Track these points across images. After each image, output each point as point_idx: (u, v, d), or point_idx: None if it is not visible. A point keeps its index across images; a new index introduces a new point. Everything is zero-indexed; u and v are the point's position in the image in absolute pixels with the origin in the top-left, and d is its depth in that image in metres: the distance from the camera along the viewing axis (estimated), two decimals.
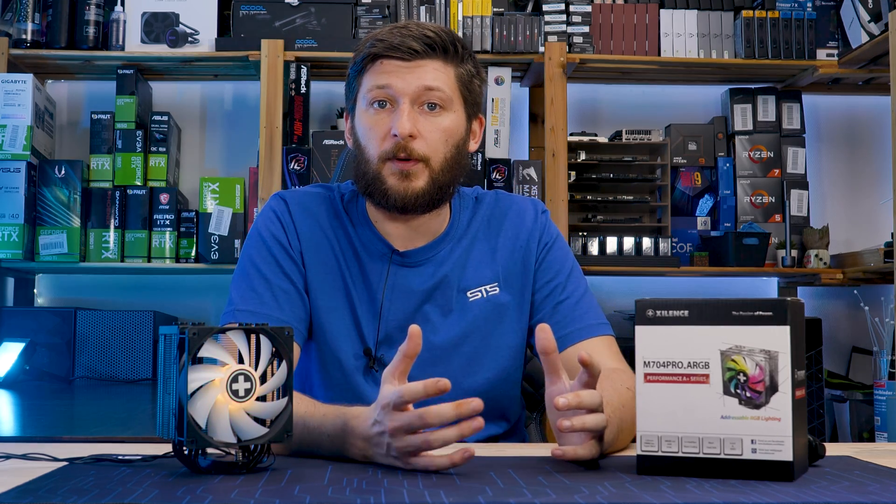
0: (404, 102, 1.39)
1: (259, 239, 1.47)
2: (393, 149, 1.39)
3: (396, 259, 1.46)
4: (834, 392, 3.16)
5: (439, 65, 1.42)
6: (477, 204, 1.54)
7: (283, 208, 1.49)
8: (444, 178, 1.42)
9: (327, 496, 0.91)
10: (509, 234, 1.52)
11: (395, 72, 1.40)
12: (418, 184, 1.40)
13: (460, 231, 1.50)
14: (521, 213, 1.53)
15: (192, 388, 1.00)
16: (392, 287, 1.45)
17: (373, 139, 1.41)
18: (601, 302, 1.60)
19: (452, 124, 1.43)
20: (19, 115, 2.92)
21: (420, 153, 1.40)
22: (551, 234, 1.53)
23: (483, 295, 1.48)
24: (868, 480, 1.00)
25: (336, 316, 1.45)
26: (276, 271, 1.44)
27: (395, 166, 1.40)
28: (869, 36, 2.95)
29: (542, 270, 1.50)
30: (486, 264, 1.49)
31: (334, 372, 1.44)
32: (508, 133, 3.11)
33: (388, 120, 1.40)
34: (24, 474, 1.00)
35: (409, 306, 1.45)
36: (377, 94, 1.41)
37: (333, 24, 3.08)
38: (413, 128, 1.39)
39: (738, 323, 1.01)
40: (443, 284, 1.46)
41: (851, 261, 3.11)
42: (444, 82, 1.42)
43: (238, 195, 3.04)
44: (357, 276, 1.46)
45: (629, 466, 1.07)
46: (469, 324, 1.46)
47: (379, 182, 1.41)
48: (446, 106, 1.42)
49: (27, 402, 2.32)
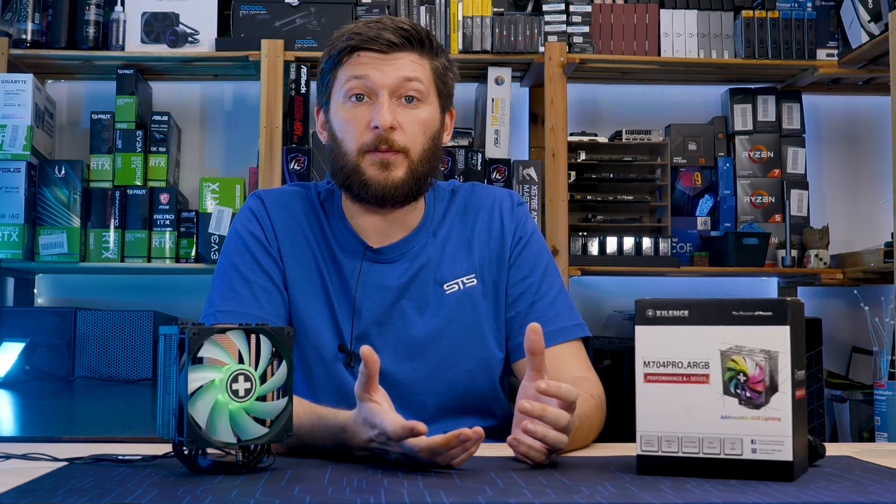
0: (383, 95, 1.40)
1: (237, 238, 1.48)
2: (373, 140, 1.39)
3: (370, 255, 1.46)
4: (834, 392, 3.15)
5: (416, 57, 1.43)
6: (452, 196, 1.54)
7: (260, 206, 1.49)
8: (422, 169, 1.43)
9: (327, 496, 0.91)
10: (484, 225, 1.51)
11: (372, 63, 1.41)
12: (398, 174, 1.40)
13: (435, 223, 1.50)
14: (497, 205, 1.53)
15: (192, 388, 1.00)
16: (366, 283, 1.45)
17: (351, 132, 1.41)
18: (601, 302, 1.61)
19: (429, 116, 1.44)
20: (19, 115, 2.92)
21: (400, 144, 1.40)
22: (527, 229, 1.53)
23: (460, 287, 1.48)
24: (868, 480, 1.00)
25: (315, 312, 1.45)
26: (254, 269, 1.44)
27: (374, 157, 1.40)
28: (869, 36, 2.95)
29: (517, 266, 1.50)
30: (463, 256, 1.49)
31: (315, 367, 1.45)
32: (508, 133, 3.11)
33: (367, 112, 1.41)
34: (24, 474, 1.00)
35: (385, 302, 1.45)
36: (355, 84, 1.41)
37: (333, 24, 3.08)
38: (394, 119, 1.39)
39: (738, 323, 1.01)
40: (418, 279, 1.46)
41: (851, 261, 3.11)
42: (422, 74, 1.43)
43: (238, 195, 3.04)
44: (333, 272, 1.46)
45: (629, 466, 1.07)
46: (446, 317, 1.46)
47: (358, 174, 1.41)
48: (423, 98, 1.43)
49: (27, 402, 2.32)
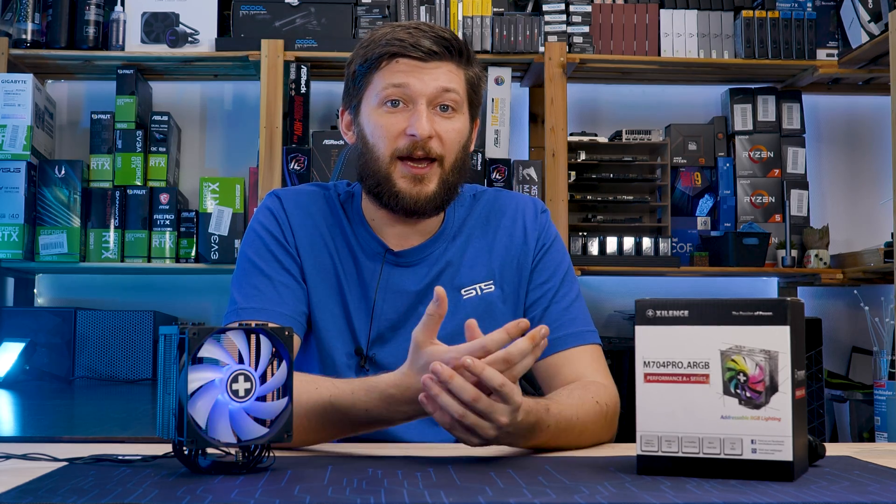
0: (421, 103, 1.39)
1: (256, 236, 1.48)
2: (408, 146, 1.39)
3: (390, 259, 1.46)
4: (834, 392, 3.16)
5: (453, 67, 1.42)
6: (474, 201, 1.54)
7: (278, 205, 1.49)
8: (452, 179, 1.43)
9: (327, 496, 0.91)
10: (507, 232, 1.51)
11: (411, 72, 1.40)
12: (430, 187, 1.40)
13: (454, 229, 1.50)
14: (521, 212, 1.53)
15: (192, 388, 1.00)
16: (385, 287, 1.45)
17: (384, 137, 1.40)
18: (601, 302, 1.61)
19: (463, 126, 1.44)
20: (19, 115, 2.92)
21: (437, 152, 1.40)
22: (550, 236, 1.53)
23: (477, 293, 1.48)
24: (868, 480, 1.00)
25: (329, 313, 1.45)
26: (275, 266, 1.44)
27: (406, 169, 1.40)
28: (869, 36, 2.95)
29: (538, 271, 1.50)
30: (482, 262, 1.49)
31: (328, 370, 1.45)
32: (508, 133, 3.11)
33: (402, 119, 1.40)
34: (24, 474, 1.00)
35: (403, 306, 1.45)
36: (392, 92, 1.40)
37: (333, 24, 3.08)
38: (432, 129, 1.39)
39: (738, 323, 1.01)
40: (437, 284, 1.46)
41: (851, 261, 3.11)
42: (458, 85, 1.42)
43: (238, 195, 3.04)
44: (351, 274, 1.46)
45: (629, 466, 1.07)
46: (461, 322, 1.46)
47: (389, 184, 1.40)
48: (458, 108, 1.43)
49: (27, 402, 2.32)
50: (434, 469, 1.07)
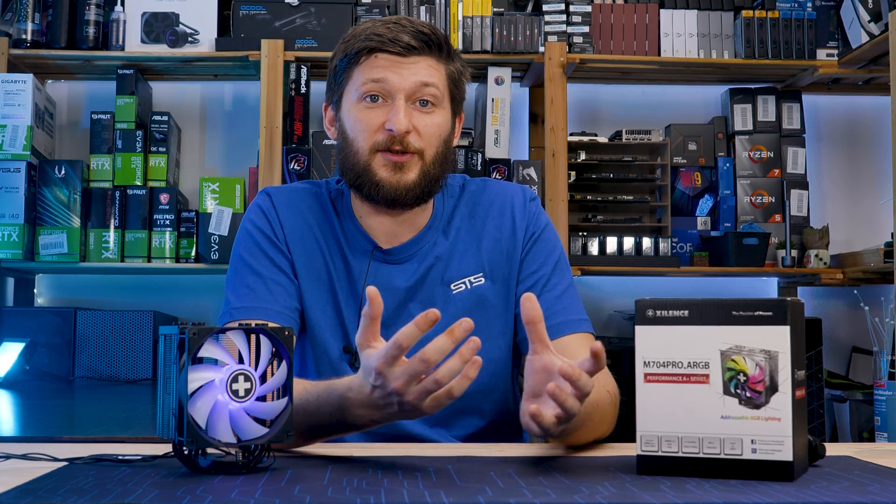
0: (399, 98, 1.39)
1: (247, 235, 1.48)
2: (386, 140, 1.39)
3: (378, 255, 1.46)
4: (834, 392, 3.15)
5: (433, 62, 1.43)
6: (462, 192, 1.53)
7: (269, 203, 1.50)
8: (434, 172, 1.43)
9: (327, 496, 0.90)
10: (495, 223, 1.50)
11: (390, 66, 1.40)
12: (410, 176, 1.40)
13: (444, 222, 1.50)
14: (509, 201, 1.52)
15: (192, 388, 1.00)
16: (373, 284, 1.44)
17: (363, 131, 1.41)
18: (601, 302, 1.61)
19: (443, 121, 1.44)
20: (19, 115, 2.92)
21: (415, 146, 1.40)
22: (539, 224, 1.52)
23: (467, 287, 1.47)
24: (868, 480, 1.00)
25: (321, 310, 1.45)
26: (266, 265, 1.45)
27: (387, 157, 1.40)
28: (869, 36, 2.95)
29: (528, 260, 1.49)
30: (471, 255, 1.49)
31: (323, 366, 1.45)
32: (508, 133, 3.11)
33: (381, 114, 1.40)
34: (24, 474, 1.00)
35: (392, 303, 1.44)
36: (371, 87, 1.40)
37: (333, 24, 3.08)
38: (409, 124, 1.39)
39: (738, 323, 1.01)
40: (426, 280, 1.46)
41: (851, 261, 3.11)
42: (438, 79, 1.42)
43: (238, 195, 3.04)
44: (342, 271, 1.46)
45: (629, 466, 1.07)
46: (452, 317, 1.44)
47: (369, 174, 1.41)
48: (438, 103, 1.43)
49: (27, 402, 2.32)
50: (434, 469, 1.07)
